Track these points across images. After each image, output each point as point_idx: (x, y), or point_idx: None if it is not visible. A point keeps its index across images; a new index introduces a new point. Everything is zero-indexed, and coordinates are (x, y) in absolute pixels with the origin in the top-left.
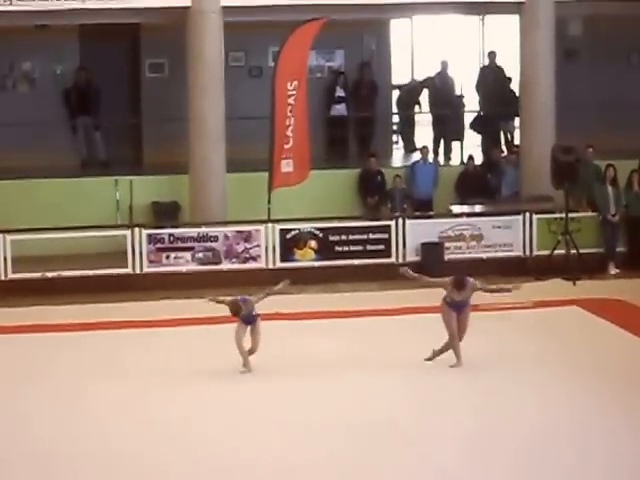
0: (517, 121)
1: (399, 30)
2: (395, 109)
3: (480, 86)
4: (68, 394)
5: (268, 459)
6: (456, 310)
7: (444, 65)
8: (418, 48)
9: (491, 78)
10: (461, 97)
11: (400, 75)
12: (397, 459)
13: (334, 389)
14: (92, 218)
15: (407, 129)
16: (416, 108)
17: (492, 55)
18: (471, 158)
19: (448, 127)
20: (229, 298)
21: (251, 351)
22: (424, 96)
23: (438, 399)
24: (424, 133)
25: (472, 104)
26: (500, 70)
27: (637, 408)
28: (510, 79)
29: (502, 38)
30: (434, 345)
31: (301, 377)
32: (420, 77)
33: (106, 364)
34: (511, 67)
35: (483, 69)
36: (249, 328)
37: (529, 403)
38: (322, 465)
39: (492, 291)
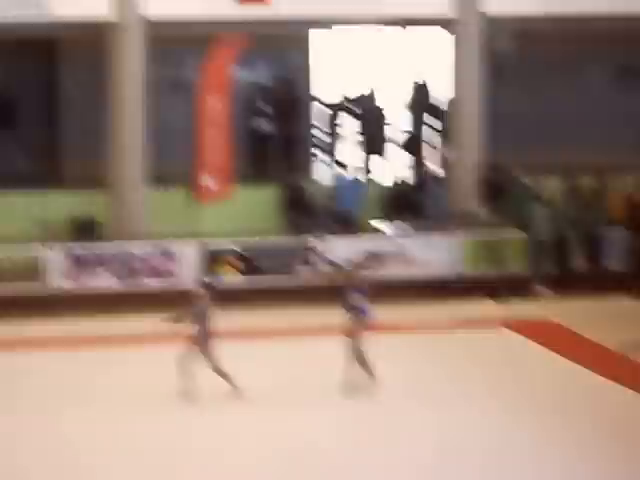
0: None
1: (324, 44)
2: (321, 124)
3: (408, 103)
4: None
5: None
6: None
7: (373, 92)
8: (342, 62)
9: (419, 95)
10: (384, 112)
11: (324, 89)
12: None
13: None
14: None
15: (333, 144)
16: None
17: (420, 72)
18: (399, 176)
19: (373, 143)
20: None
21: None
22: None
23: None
24: (351, 150)
25: (399, 121)
26: (427, 87)
27: (561, 432)
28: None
29: (431, 53)
30: None
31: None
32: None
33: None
34: (441, 84)
35: (412, 86)
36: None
37: (449, 426)
38: None
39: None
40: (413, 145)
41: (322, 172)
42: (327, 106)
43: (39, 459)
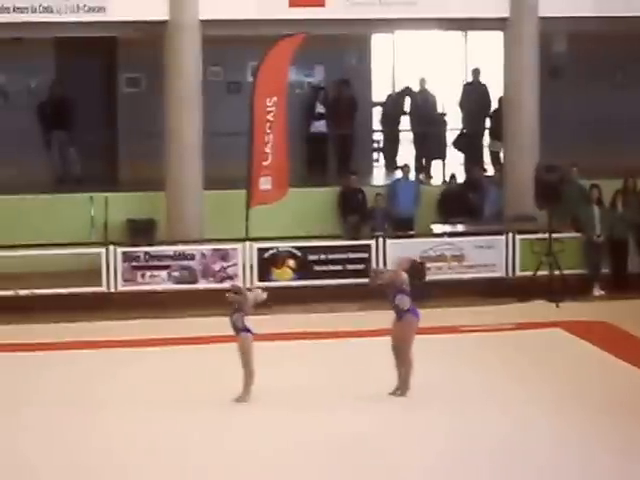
0: None
1: (381, 46)
2: (378, 126)
3: (463, 103)
4: (52, 416)
5: None
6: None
7: (424, 82)
8: (400, 64)
9: (474, 95)
10: (443, 115)
11: (381, 91)
12: None
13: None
14: (66, 235)
15: (390, 146)
16: (401, 123)
17: (476, 72)
18: (453, 177)
19: (430, 145)
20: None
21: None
22: (406, 111)
23: (417, 426)
24: (406, 151)
25: (455, 122)
26: (484, 87)
27: (614, 435)
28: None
29: (486, 55)
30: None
31: (279, 404)
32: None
33: (87, 386)
34: (495, 84)
35: (466, 86)
36: None
37: (507, 427)
38: None
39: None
40: (470, 146)
41: (379, 174)
42: (384, 108)
43: (68, 457)
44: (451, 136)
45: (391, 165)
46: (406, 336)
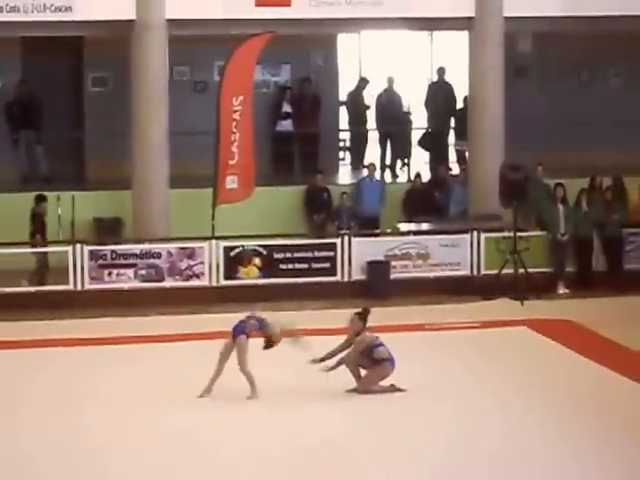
0: None
1: (347, 45)
2: (346, 125)
3: (429, 103)
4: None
5: None
6: None
7: (390, 81)
8: (366, 64)
9: (440, 95)
10: (408, 114)
11: (347, 91)
12: None
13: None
14: None
15: (357, 145)
16: (368, 121)
17: (441, 71)
18: (418, 175)
19: (395, 144)
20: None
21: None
22: (368, 105)
23: (380, 424)
24: (371, 150)
25: (420, 121)
26: (449, 86)
27: (579, 432)
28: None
29: (451, 54)
30: None
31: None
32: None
33: (54, 384)
34: (460, 83)
35: (432, 85)
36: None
37: (471, 426)
38: None
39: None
40: (435, 145)
41: (345, 173)
42: (349, 107)
43: (56, 454)
44: (417, 135)
45: (358, 164)
46: (377, 380)
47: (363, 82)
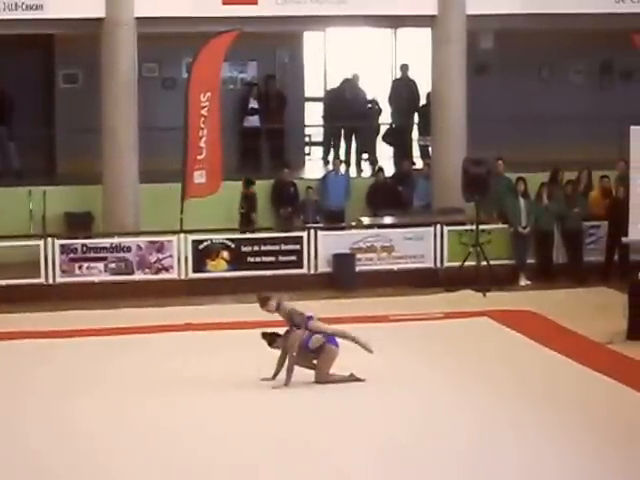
0: None
1: (312, 43)
2: (312, 121)
3: (392, 99)
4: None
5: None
6: None
7: (357, 78)
8: (331, 61)
9: (403, 91)
10: (372, 109)
11: (313, 88)
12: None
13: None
14: (5, 228)
15: (328, 140)
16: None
17: (404, 68)
18: (381, 170)
19: (360, 139)
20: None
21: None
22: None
23: (347, 413)
24: (339, 145)
25: (384, 116)
26: (412, 83)
27: (531, 417)
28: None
29: (415, 51)
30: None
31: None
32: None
33: (25, 376)
34: (423, 80)
35: (395, 82)
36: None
37: (429, 413)
38: None
39: None
40: (399, 140)
41: (311, 167)
42: (326, 102)
43: (53, 445)
44: (381, 130)
45: (328, 159)
46: (328, 365)
47: (347, 82)
